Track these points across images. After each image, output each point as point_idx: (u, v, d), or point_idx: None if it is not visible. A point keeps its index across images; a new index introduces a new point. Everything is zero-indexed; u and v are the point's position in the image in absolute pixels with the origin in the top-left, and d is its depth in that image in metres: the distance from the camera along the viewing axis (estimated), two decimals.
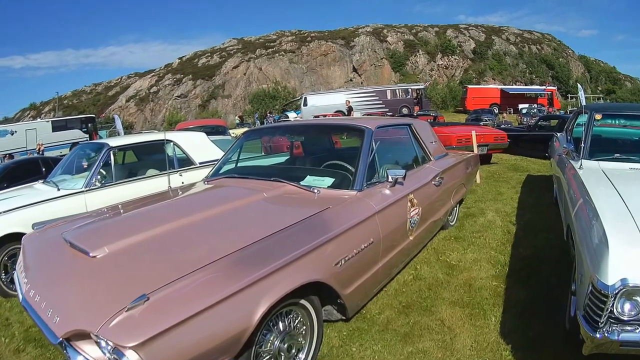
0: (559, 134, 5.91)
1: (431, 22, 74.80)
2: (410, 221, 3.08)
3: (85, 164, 5.39)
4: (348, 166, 3.03)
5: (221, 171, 3.73)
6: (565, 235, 2.95)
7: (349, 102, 14.86)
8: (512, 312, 2.78)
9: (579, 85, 31.17)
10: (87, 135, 26.54)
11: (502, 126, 14.57)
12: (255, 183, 3.10)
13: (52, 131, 25.64)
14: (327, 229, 2.25)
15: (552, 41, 57.82)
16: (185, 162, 5.66)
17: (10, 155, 20.18)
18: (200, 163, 5.56)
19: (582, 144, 3.42)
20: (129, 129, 40.58)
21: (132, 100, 49.77)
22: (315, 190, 2.75)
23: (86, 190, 4.62)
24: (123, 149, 5.62)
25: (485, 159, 9.35)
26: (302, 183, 2.91)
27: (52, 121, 27.50)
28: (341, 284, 2.26)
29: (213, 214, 2.48)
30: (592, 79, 54.96)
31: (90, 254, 2.00)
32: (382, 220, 2.66)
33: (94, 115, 31.61)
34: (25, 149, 23.06)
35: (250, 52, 51.82)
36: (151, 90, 50.00)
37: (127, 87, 52.73)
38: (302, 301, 2.14)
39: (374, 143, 3.07)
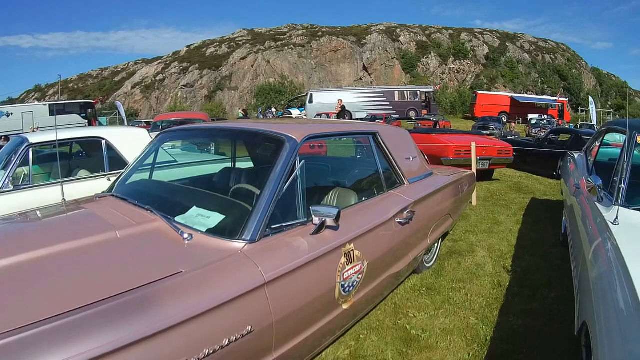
0: (576, 155, 4.79)
1: (447, 24, 73.18)
2: (343, 285, 2.07)
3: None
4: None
5: (121, 184, 2.81)
6: (578, 330, 1.90)
7: (341, 101, 12.40)
8: None
9: (591, 99, 29.97)
10: (86, 121, 25.91)
11: (509, 137, 13.48)
12: (127, 211, 2.13)
13: (49, 115, 24.94)
14: (155, 317, 1.27)
15: (567, 51, 56.37)
16: (119, 164, 4.76)
17: (6, 138, 19.61)
18: None
19: (618, 183, 2.27)
20: (133, 116, 39.79)
21: (137, 87, 49.13)
22: (186, 235, 1.75)
23: None
24: (45, 145, 4.76)
25: (486, 175, 8.32)
26: (177, 219, 1.92)
27: (49, 104, 26.89)
28: None
29: (26, 260, 1.58)
30: (603, 93, 53.69)
31: None
32: (278, 293, 1.66)
33: (92, 101, 30.90)
34: (21, 131, 22.48)
35: (260, 44, 50.95)
36: (157, 78, 49.26)
37: (134, 74, 52.07)
38: None
39: (297, 162, 2.07)
